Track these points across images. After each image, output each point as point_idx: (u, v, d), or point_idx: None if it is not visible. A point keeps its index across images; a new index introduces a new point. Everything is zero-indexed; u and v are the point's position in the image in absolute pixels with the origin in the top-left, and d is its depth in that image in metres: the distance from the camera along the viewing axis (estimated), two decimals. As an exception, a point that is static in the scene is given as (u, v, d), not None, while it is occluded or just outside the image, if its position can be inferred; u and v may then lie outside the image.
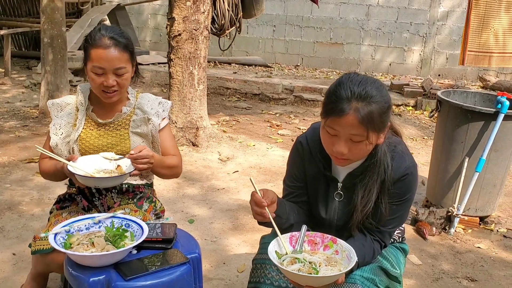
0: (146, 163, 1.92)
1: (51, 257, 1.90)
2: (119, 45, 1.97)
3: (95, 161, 1.96)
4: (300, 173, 1.85)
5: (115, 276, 1.47)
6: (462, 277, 2.74)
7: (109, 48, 1.95)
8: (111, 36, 1.97)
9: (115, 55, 1.95)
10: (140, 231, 1.60)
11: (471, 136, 3.26)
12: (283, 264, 1.55)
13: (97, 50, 1.95)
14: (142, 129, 2.12)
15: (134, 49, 2.11)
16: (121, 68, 1.97)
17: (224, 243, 2.95)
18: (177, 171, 2.17)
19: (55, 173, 2.05)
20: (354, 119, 1.51)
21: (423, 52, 9.28)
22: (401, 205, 1.71)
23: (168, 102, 2.22)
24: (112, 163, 1.98)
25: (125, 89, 2.07)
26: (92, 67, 1.97)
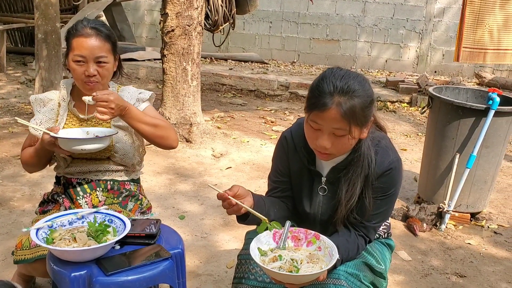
0: (106, 107, 1.84)
1: (33, 266, 1.90)
2: (100, 34, 1.97)
3: (74, 133, 1.97)
4: (285, 168, 1.85)
5: (97, 271, 1.47)
6: (451, 273, 2.75)
7: (91, 37, 1.95)
8: (92, 26, 1.98)
9: (96, 44, 1.95)
10: (123, 226, 1.60)
11: (462, 132, 3.27)
12: (264, 261, 1.55)
13: (79, 39, 1.95)
14: (124, 122, 2.11)
15: (117, 42, 2.09)
16: (102, 57, 1.96)
17: (214, 239, 2.96)
18: (165, 133, 2.04)
19: (36, 154, 2.02)
20: (337, 113, 1.52)
21: (419, 48, 9.27)
22: (385, 199, 1.71)
23: (150, 92, 2.21)
24: (90, 134, 1.99)
25: (106, 81, 2.04)
26: (73, 56, 1.96)
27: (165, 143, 2.08)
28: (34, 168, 2.16)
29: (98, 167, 2.13)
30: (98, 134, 2.01)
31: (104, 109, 1.85)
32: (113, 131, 1.98)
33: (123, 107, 1.90)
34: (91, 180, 2.13)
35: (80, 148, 1.87)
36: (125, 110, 1.91)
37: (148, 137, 2.04)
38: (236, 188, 1.65)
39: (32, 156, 2.07)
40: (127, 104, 1.92)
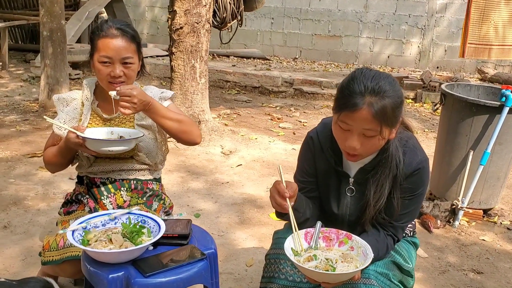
0: (129, 101, 1.84)
1: (60, 267, 1.90)
2: (126, 35, 1.97)
3: (98, 132, 1.98)
4: (311, 168, 1.85)
5: (134, 273, 1.47)
6: (468, 270, 2.77)
7: (117, 38, 1.95)
8: (118, 27, 1.97)
9: (122, 44, 1.95)
10: (157, 227, 1.61)
11: (476, 129, 3.28)
12: (300, 261, 1.55)
13: (105, 39, 1.95)
14: (147, 121, 2.11)
15: (141, 42, 2.10)
16: (128, 57, 1.97)
17: (232, 237, 2.96)
18: (189, 128, 2.03)
19: (60, 153, 2.02)
20: (368, 113, 1.51)
21: (421, 44, 9.29)
22: (413, 199, 1.72)
23: (171, 92, 2.21)
24: (115, 135, 2.01)
25: (131, 81, 2.04)
26: (99, 57, 1.95)
27: (188, 138, 2.06)
28: (57, 167, 2.16)
29: (121, 166, 2.13)
30: (122, 134, 2.02)
31: (127, 104, 1.84)
32: (139, 133, 1.99)
33: (146, 102, 1.88)
34: (115, 180, 2.13)
35: (108, 150, 1.88)
36: (149, 105, 1.90)
37: (172, 133, 2.01)
38: (295, 185, 1.63)
39: (56, 155, 2.07)
40: (151, 99, 1.91)
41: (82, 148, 1.92)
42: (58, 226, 2.06)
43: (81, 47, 7.78)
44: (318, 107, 6.58)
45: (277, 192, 1.59)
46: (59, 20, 5.46)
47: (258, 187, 3.76)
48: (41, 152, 4.16)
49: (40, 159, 4.04)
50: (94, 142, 1.86)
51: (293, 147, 4.77)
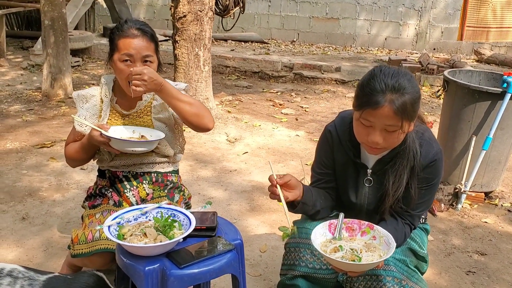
0: (139, 79, 1.90)
1: (89, 259, 1.99)
2: (146, 34, 2.03)
3: (121, 131, 2.07)
4: (329, 160, 1.94)
5: (169, 265, 1.56)
6: (473, 252, 2.89)
7: (137, 37, 2.01)
8: (138, 27, 2.04)
9: (143, 44, 2.01)
10: (187, 220, 1.69)
11: (478, 115, 3.37)
12: (326, 252, 1.65)
13: (126, 39, 2.01)
14: (164, 114, 2.19)
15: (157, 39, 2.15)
16: (148, 56, 2.02)
17: (244, 224, 3.06)
18: (201, 111, 2.06)
19: (83, 149, 2.10)
20: (390, 110, 1.59)
21: (418, 26, 9.32)
22: (429, 189, 1.81)
23: (185, 84, 2.27)
24: (136, 133, 2.10)
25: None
26: (120, 56, 2.00)
27: (201, 122, 2.07)
28: (79, 162, 2.23)
29: (142, 160, 2.21)
30: (144, 133, 2.10)
31: (138, 82, 1.91)
32: (162, 134, 2.06)
33: (158, 82, 1.94)
34: (136, 173, 2.21)
35: (131, 150, 1.97)
36: (161, 85, 1.96)
37: (185, 115, 2.04)
38: (288, 177, 1.73)
39: (78, 151, 2.14)
40: (163, 80, 1.98)
41: (105, 146, 2.00)
42: (85, 219, 2.14)
43: (80, 34, 7.76)
44: (319, 91, 6.64)
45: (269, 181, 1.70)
46: (60, 9, 5.46)
47: (265, 174, 3.85)
48: (50, 143, 4.22)
49: (49, 150, 4.10)
50: (119, 142, 1.93)
51: (297, 133, 4.85)
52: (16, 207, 3.11)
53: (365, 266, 1.59)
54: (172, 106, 2.06)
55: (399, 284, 1.76)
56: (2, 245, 2.68)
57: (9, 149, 4.05)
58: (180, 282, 1.54)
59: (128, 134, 2.08)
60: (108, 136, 1.93)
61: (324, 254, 1.59)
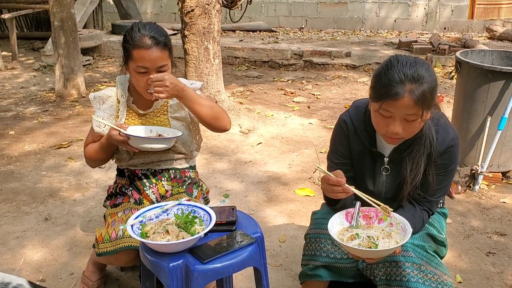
0: (161, 85, 1.94)
1: (114, 257, 2.03)
2: (159, 44, 2.02)
3: (138, 131, 2.10)
4: (346, 150, 1.95)
5: (193, 260, 1.60)
6: (492, 232, 2.88)
7: (151, 48, 2.00)
8: (151, 35, 2.01)
9: (157, 54, 2.00)
10: (207, 216, 1.72)
11: (492, 95, 3.34)
12: (343, 240, 1.67)
13: (140, 50, 2.00)
14: (180, 113, 2.21)
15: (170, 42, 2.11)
16: (163, 66, 2.04)
17: (262, 215, 3.09)
18: (220, 114, 2.11)
19: (102, 149, 2.14)
20: (410, 100, 1.60)
21: (428, 6, 9.20)
22: (446, 175, 1.82)
23: (200, 82, 2.29)
24: (154, 132, 2.13)
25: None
26: (136, 67, 2.02)
27: (220, 125, 2.13)
28: (98, 162, 2.27)
29: (160, 157, 2.24)
30: (160, 132, 2.14)
31: (160, 88, 1.95)
32: (178, 132, 2.09)
33: (179, 87, 1.98)
34: (155, 171, 2.25)
35: (150, 147, 2.00)
36: (182, 91, 2.00)
37: (205, 119, 2.09)
38: (339, 172, 1.75)
39: (98, 151, 2.18)
40: (184, 86, 2.01)
41: (124, 145, 2.03)
42: (107, 218, 2.19)
43: (89, 33, 7.81)
44: (330, 78, 6.62)
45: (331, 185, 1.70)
46: (68, 9, 5.50)
47: (280, 164, 3.88)
48: (66, 143, 4.29)
49: (67, 150, 4.16)
50: (138, 139, 1.97)
51: (310, 121, 4.85)
52: (38, 208, 3.18)
53: (382, 252, 1.61)
54: (191, 110, 2.09)
55: (419, 270, 1.78)
56: (28, 246, 2.75)
57: (28, 151, 4.13)
58: (204, 277, 1.57)
59: (146, 134, 2.11)
60: (127, 134, 1.97)
61: (341, 242, 1.62)
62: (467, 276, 2.49)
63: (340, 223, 1.76)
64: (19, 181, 3.57)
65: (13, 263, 2.60)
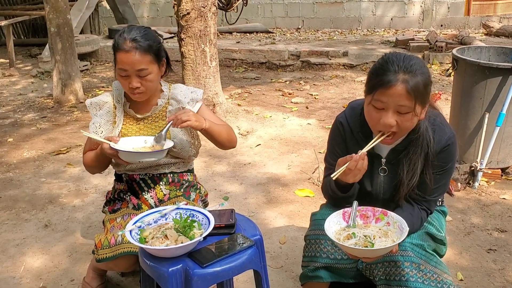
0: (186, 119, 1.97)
1: (114, 263, 2.03)
2: (139, 48, 2.00)
3: (132, 142, 2.08)
4: (343, 151, 1.94)
5: (192, 265, 1.59)
6: (492, 229, 2.88)
7: (131, 52, 1.99)
8: (133, 38, 2.01)
9: (136, 58, 2.00)
10: (206, 219, 1.72)
11: (490, 92, 3.34)
12: (340, 240, 1.67)
13: (121, 53, 2.01)
14: None
15: (161, 48, 2.10)
16: (142, 70, 2.02)
17: (262, 217, 3.09)
18: (231, 136, 2.21)
19: (97, 159, 2.14)
20: (403, 89, 1.60)
21: (424, 3, 9.21)
22: (444, 174, 1.82)
23: (200, 90, 2.29)
24: (148, 143, 2.11)
25: (151, 89, 2.11)
26: (118, 69, 2.04)
27: (231, 145, 2.25)
28: (96, 170, 2.27)
29: (158, 162, 2.23)
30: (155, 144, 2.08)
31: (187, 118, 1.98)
32: (170, 143, 2.07)
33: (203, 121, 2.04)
34: (153, 175, 2.24)
35: (139, 161, 2.01)
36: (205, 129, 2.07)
37: (221, 144, 2.21)
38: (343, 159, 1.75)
39: (94, 160, 2.18)
40: (204, 122, 2.05)
41: (115, 158, 2.03)
42: (106, 224, 2.18)
43: (86, 38, 7.82)
44: (327, 78, 6.62)
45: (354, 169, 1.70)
46: (64, 15, 5.50)
47: (279, 165, 3.88)
48: (65, 149, 4.29)
49: (66, 156, 4.16)
50: (127, 154, 1.96)
51: (308, 121, 4.85)
52: (38, 215, 3.17)
53: (378, 251, 1.61)
54: (212, 141, 2.18)
55: (418, 269, 1.77)
56: (28, 253, 2.75)
57: (27, 158, 4.13)
58: (204, 281, 1.57)
59: (140, 144, 2.09)
60: (116, 148, 1.96)
61: (338, 242, 1.62)
62: (468, 273, 2.49)
63: (337, 223, 1.76)
64: (18, 188, 3.57)
65: (14, 270, 2.59)
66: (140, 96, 2.10)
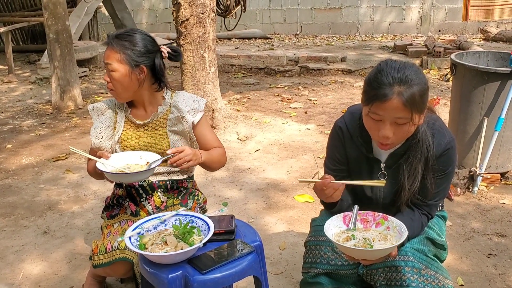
0: (189, 160, 2.02)
1: (110, 268, 2.02)
2: (112, 44, 2.06)
3: (126, 157, 2.08)
4: (342, 156, 1.94)
5: (191, 271, 1.59)
6: (492, 234, 2.88)
7: (107, 46, 2.08)
8: (114, 35, 2.08)
9: (107, 52, 2.08)
10: (205, 225, 1.72)
11: (488, 97, 3.35)
12: (339, 241, 1.67)
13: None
14: (179, 127, 2.19)
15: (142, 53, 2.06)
16: (108, 64, 2.06)
17: (261, 223, 3.08)
18: (224, 162, 2.29)
19: (96, 171, 2.14)
20: (398, 102, 1.60)
21: (421, 9, 9.25)
22: (444, 178, 1.82)
23: (203, 99, 2.29)
24: (143, 160, 2.08)
25: (120, 90, 2.09)
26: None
27: (217, 169, 2.33)
28: (98, 178, 2.26)
29: (157, 169, 2.22)
30: (149, 158, 2.07)
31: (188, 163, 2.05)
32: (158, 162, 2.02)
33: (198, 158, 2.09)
34: (152, 182, 2.24)
35: (121, 181, 2.02)
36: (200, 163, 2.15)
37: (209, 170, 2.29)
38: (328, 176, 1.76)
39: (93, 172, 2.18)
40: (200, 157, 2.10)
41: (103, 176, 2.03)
42: (103, 230, 2.18)
43: (85, 44, 7.83)
44: (326, 83, 6.63)
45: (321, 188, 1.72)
46: (63, 21, 5.51)
47: (279, 170, 3.87)
48: (64, 155, 4.28)
49: (64, 162, 4.16)
50: (110, 175, 1.95)
51: (307, 127, 4.85)
52: (37, 221, 3.16)
53: (376, 252, 1.60)
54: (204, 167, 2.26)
55: (419, 274, 1.77)
56: (27, 260, 2.73)
57: (25, 165, 4.12)
58: (204, 287, 1.56)
59: (134, 161, 2.08)
60: (101, 169, 1.96)
61: (337, 242, 1.61)
62: (468, 278, 2.48)
63: (337, 226, 1.76)
64: (17, 194, 3.56)
65: (12, 277, 2.58)
66: (112, 93, 2.13)
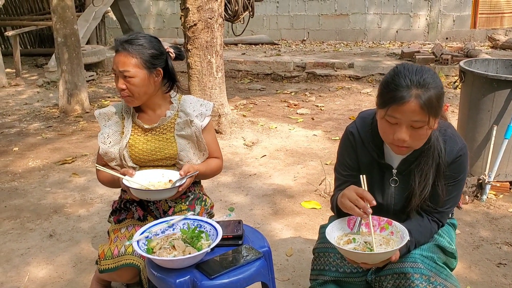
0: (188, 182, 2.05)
1: (117, 273, 2.01)
2: (125, 50, 2.02)
3: (149, 175, 2.07)
4: (353, 162, 1.92)
5: (199, 276, 1.57)
6: (502, 243, 2.84)
7: (118, 53, 2.04)
8: (124, 40, 2.04)
9: (120, 58, 2.03)
10: (213, 230, 1.70)
11: (498, 104, 3.32)
12: (339, 244, 1.65)
13: (115, 54, 2.08)
14: (186, 132, 2.18)
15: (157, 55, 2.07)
16: (125, 71, 2.01)
17: (268, 229, 3.06)
18: (217, 172, 2.34)
19: (113, 183, 2.17)
20: (416, 105, 1.58)
21: (429, 16, 9.23)
22: (456, 185, 1.79)
23: (210, 103, 2.28)
24: (165, 177, 2.08)
25: (139, 95, 2.07)
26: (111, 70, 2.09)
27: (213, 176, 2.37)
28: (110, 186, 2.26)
29: (164, 176, 2.21)
30: (171, 177, 2.07)
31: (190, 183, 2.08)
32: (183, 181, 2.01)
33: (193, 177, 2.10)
34: (160, 187, 2.22)
35: (146, 198, 2.00)
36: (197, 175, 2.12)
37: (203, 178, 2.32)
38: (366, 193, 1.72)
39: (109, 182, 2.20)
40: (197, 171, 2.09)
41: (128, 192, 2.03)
42: (110, 234, 2.16)
43: (93, 48, 7.86)
44: (333, 89, 6.62)
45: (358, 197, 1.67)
46: (71, 26, 5.54)
47: (285, 176, 3.85)
48: (71, 158, 4.28)
49: (71, 165, 4.16)
50: (135, 191, 1.94)
51: (314, 133, 4.84)
52: (42, 224, 3.16)
53: (376, 256, 1.58)
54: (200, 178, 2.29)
55: (428, 281, 1.74)
56: (32, 263, 2.72)
57: (32, 168, 4.12)
58: (212, 293, 1.55)
59: (157, 179, 2.07)
60: (127, 185, 1.95)
61: (337, 245, 1.60)
62: (478, 287, 2.45)
63: (341, 229, 1.74)
64: (23, 197, 3.56)
65: (18, 280, 2.57)
66: (128, 100, 2.10)
